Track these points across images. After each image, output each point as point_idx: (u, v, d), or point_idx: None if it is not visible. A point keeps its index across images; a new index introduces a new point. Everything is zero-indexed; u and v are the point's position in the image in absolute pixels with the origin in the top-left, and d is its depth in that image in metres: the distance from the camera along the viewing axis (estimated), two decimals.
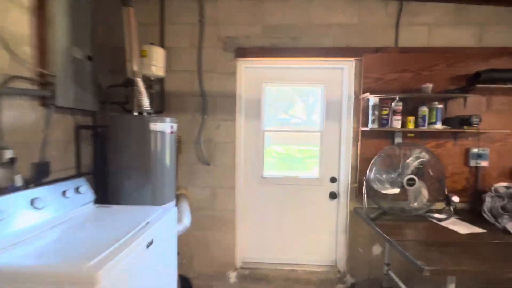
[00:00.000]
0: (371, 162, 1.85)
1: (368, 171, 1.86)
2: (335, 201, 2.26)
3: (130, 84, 1.82)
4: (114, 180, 1.78)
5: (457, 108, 2.03)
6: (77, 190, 1.41)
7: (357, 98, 2.11)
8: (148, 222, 1.27)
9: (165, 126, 1.82)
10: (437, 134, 2.06)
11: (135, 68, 1.82)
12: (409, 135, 2.07)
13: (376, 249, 2.18)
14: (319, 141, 2.26)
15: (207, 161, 2.18)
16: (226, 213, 2.22)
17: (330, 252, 2.30)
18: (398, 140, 2.05)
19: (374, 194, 1.87)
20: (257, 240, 2.32)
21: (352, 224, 2.18)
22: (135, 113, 1.82)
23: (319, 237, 2.29)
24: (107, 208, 1.47)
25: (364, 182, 1.88)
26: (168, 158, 1.88)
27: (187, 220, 1.79)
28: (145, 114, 1.83)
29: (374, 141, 2.09)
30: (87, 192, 1.48)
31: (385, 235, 1.57)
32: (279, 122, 2.32)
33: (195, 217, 2.20)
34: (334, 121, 2.23)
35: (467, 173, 2.07)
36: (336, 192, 2.25)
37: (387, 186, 1.82)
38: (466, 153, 2.05)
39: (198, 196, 2.21)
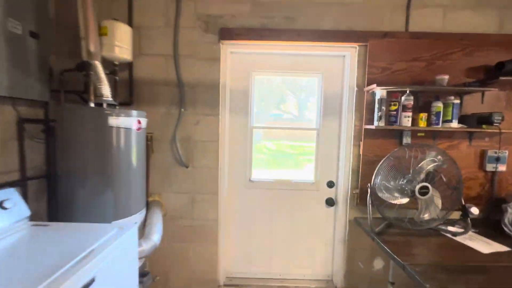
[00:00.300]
0: (377, 167, 1.57)
1: (373, 177, 1.58)
2: (332, 208, 1.99)
3: (85, 68, 1.47)
4: (65, 187, 1.44)
5: (473, 104, 1.77)
6: (0, 205, 1.06)
7: (360, 91, 1.82)
8: (92, 250, 0.95)
9: (129, 121, 1.49)
10: (449, 134, 1.79)
11: (92, 48, 1.47)
12: (419, 134, 1.80)
13: (378, 264, 1.92)
14: (315, 140, 1.97)
15: (184, 163, 1.85)
16: (208, 222, 1.91)
17: (326, 266, 2.03)
18: (406, 140, 1.77)
19: (379, 203, 1.60)
20: (243, 252, 2.02)
21: (352, 235, 1.92)
22: (92, 105, 1.48)
23: (314, 249, 2.02)
24: (44, 228, 1.13)
25: (369, 190, 1.60)
26: (135, 159, 1.55)
27: (156, 236, 1.48)
28: (105, 105, 1.49)
29: (378, 141, 1.81)
30: (17, 207, 1.13)
31: (395, 256, 1.30)
32: (271, 117, 2.01)
33: (171, 228, 1.89)
34: (333, 118, 1.94)
35: (482, 178, 1.82)
36: (334, 199, 1.97)
37: (396, 195, 1.55)
38: (482, 156, 1.80)
39: (174, 203, 1.89)
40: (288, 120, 2.03)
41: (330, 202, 1.97)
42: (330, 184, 1.97)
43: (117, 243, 1.05)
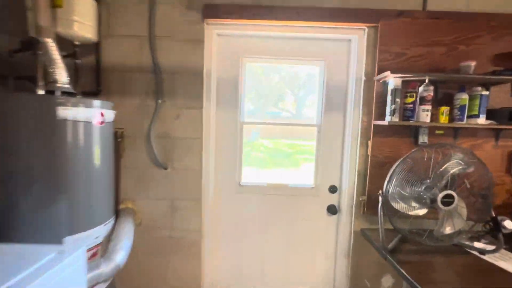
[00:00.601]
0: (391, 170, 1.31)
1: (386, 183, 1.32)
2: (334, 217, 1.72)
3: (32, 46, 1.18)
4: (4, 195, 1.16)
5: (502, 97, 1.51)
6: None
7: (369, 81, 1.55)
8: None
9: (88, 113, 1.21)
10: (473, 132, 1.53)
11: (42, 21, 1.19)
12: (437, 132, 1.53)
13: (387, 281, 1.66)
14: (316, 138, 1.70)
15: (162, 164, 1.58)
16: (190, 233, 1.64)
17: (327, 282, 1.76)
18: (422, 139, 1.51)
19: (392, 212, 1.33)
20: (232, 267, 1.75)
21: (357, 248, 1.66)
22: (42, 92, 1.20)
23: (313, 263, 1.75)
24: None
25: (380, 199, 1.34)
26: (98, 159, 1.28)
27: (120, 256, 1.20)
28: (58, 94, 1.21)
29: (390, 140, 1.55)
30: None
31: (416, 284, 1.03)
32: (268, 115, 1.74)
33: (147, 240, 1.62)
34: (337, 112, 1.67)
35: (509, 184, 1.57)
36: (337, 206, 1.71)
37: (414, 204, 1.28)
38: (511, 158, 1.54)
39: (150, 211, 1.62)
40: (286, 118, 1.76)
41: (332, 210, 1.70)
42: (333, 189, 1.71)
43: (51, 273, 0.77)
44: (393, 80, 1.37)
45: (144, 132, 1.56)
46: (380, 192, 1.34)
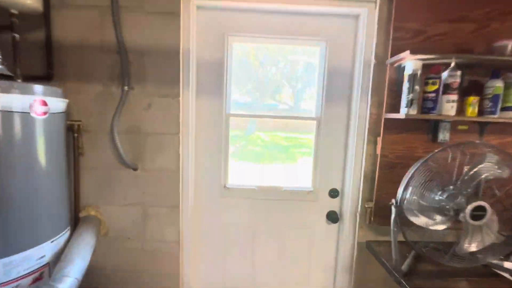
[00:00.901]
0: (409, 175, 1.06)
1: (401, 190, 1.07)
2: (335, 226, 1.49)
3: None
4: None
5: None
6: None
7: (380, 65, 1.28)
8: None
9: (25, 102, 0.94)
10: (503, 128, 1.28)
11: None
12: (460, 128, 1.28)
13: None
14: (315, 133, 1.44)
15: (132, 164, 1.32)
16: (166, 244, 1.39)
17: None
18: (443, 135, 1.26)
19: (404, 222, 1.09)
20: (215, 283, 1.52)
21: (361, 262, 1.43)
22: None
23: (309, 278, 1.52)
24: None
25: (393, 209, 1.09)
26: (43, 159, 1.02)
27: (66, 283, 0.94)
28: None
29: (403, 137, 1.29)
30: None
31: None
32: (264, 107, 1.48)
33: (115, 252, 1.37)
34: (340, 103, 1.41)
35: None
36: (338, 213, 1.47)
37: (436, 217, 1.04)
38: None
39: (118, 219, 1.36)
40: (284, 111, 1.51)
41: (333, 217, 1.46)
42: (334, 193, 1.46)
43: None
44: (412, 63, 1.10)
45: (108, 126, 1.28)
46: (393, 201, 1.10)
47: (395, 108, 1.24)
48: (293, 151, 1.56)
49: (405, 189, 1.05)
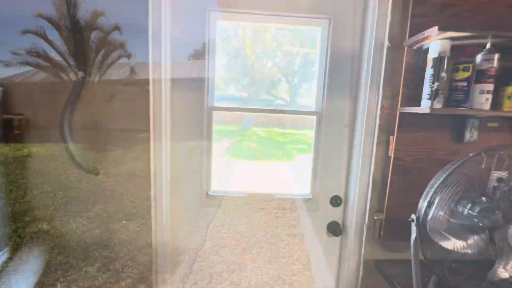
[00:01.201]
0: (435, 184, 0.83)
1: (423, 203, 0.85)
2: (337, 240, 1.27)
3: None
4: None
5: None
6: None
7: (395, 48, 1.05)
8: None
9: None
10: None
11: None
12: (489, 125, 1.06)
13: None
14: (314, 130, 1.22)
15: (91, 168, 1.08)
16: (136, 265, 1.16)
17: None
18: (471, 135, 1.04)
19: (425, 239, 0.87)
20: None
21: (368, 283, 1.21)
22: None
23: None
24: None
25: (413, 228, 0.87)
26: None
27: None
28: None
29: (421, 136, 1.07)
30: None
31: None
32: (261, 103, 1.26)
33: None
34: (345, 94, 1.18)
35: None
36: (341, 224, 1.25)
37: (468, 236, 0.82)
38: None
39: (76, 233, 1.13)
40: (281, 106, 1.29)
41: (335, 230, 1.25)
42: (336, 202, 1.24)
43: None
44: (438, 43, 0.87)
45: (58, 121, 1.04)
46: (413, 217, 0.88)
47: (413, 101, 1.02)
48: (290, 148, 1.35)
49: (430, 203, 0.83)
